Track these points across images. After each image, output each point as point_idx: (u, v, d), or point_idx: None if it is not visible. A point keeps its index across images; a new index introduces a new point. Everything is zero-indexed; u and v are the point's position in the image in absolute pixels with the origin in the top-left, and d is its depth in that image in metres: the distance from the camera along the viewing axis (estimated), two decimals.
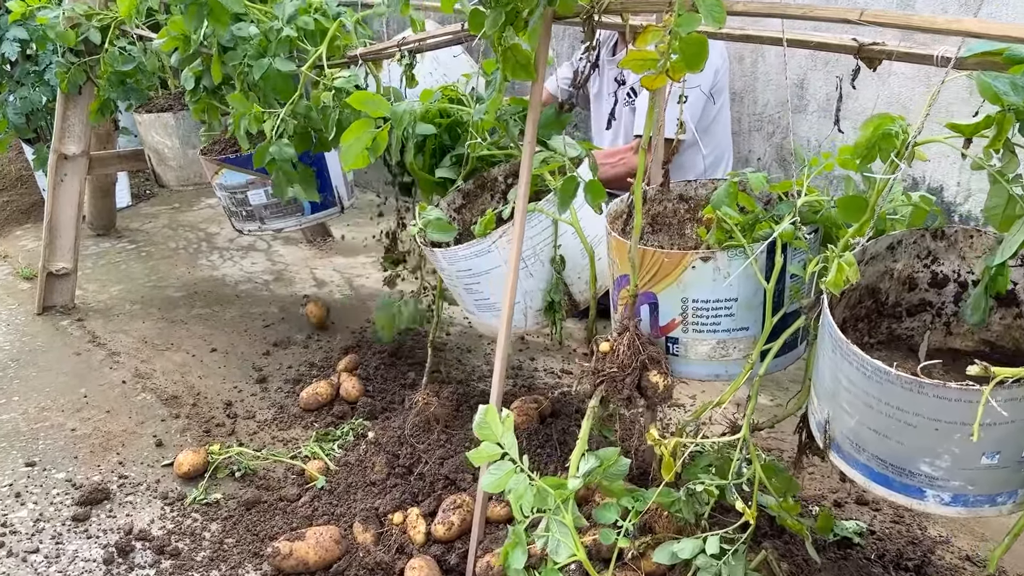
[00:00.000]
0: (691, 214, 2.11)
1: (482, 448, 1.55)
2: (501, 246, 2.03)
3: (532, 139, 1.82)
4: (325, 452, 2.54)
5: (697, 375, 1.80)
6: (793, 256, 1.70)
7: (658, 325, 1.77)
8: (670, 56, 1.43)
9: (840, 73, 2.92)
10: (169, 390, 3.00)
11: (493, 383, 1.95)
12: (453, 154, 2.26)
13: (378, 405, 2.74)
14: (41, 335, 3.46)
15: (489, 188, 2.31)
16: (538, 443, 2.32)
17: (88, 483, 2.47)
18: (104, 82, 3.30)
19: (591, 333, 2.09)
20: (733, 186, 1.73)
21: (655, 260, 1.71)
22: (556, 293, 2.07)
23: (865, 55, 1.57)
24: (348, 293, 3.82)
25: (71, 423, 2.81)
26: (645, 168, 2.82)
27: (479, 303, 2.16)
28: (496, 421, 1.56)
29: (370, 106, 2.01)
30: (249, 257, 4.30)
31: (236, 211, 3.09)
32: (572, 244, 2.10)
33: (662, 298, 1.74)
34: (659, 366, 1.74)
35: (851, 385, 1.44)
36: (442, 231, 2.13)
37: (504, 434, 1.57)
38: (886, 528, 2.23)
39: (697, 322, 1.73)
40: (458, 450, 2.33)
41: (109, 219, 4.65)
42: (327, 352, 3.22)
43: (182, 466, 2.47)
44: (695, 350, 1.77)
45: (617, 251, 1.80)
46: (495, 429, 1.55)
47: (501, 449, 1.55)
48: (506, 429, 1.58)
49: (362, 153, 1.99)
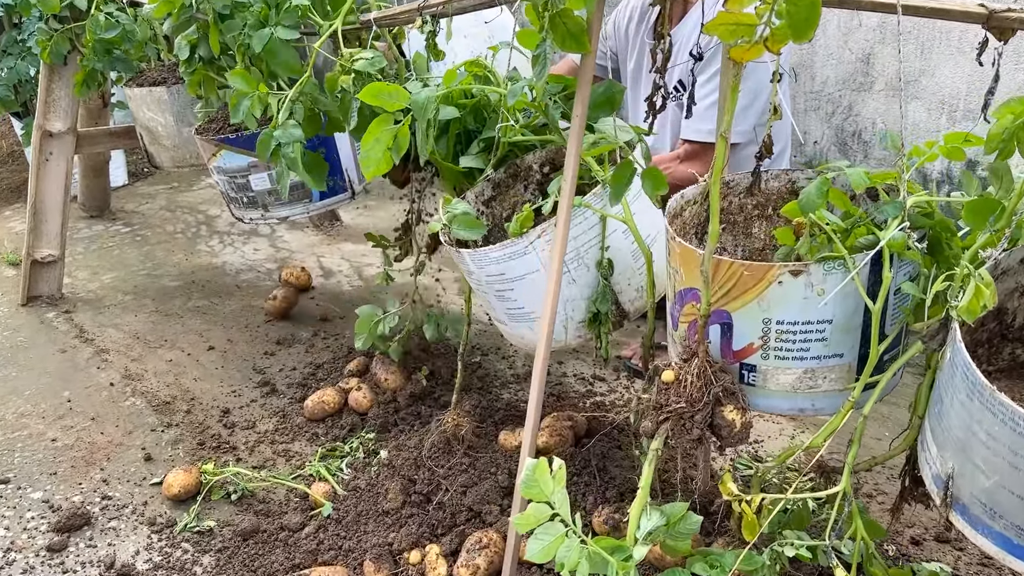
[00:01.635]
0: (760, 211, 1.80)
1: (529, 512, 1.26)
2: (539, 248, 1.73)
3: (582, 123, 1.52)
4: (332, 472, 2.26)
5: (778, 409, 1.51)
6: (898, 268, 1.40)
7: (731, 349, 1.48)
8: (772, 21, 1.12)
9: (914, 47, 2.60)
10: (161, 394, 2.73)
11: (529, 411, 1.66)
12: (481, 139, 1.95)
13: (391, 418, 2.45)
14: (24, 329, 3.18)
15: (523, 177, 2.01)
16: (574, 470, 2.04)
17: (67, 505, 2.20)
18: (89, 51, 2.99)
19: (648, 352, 1.79)
20: (825, 183, 1.42)
21: (732, 273, 1.41)
22: (603, 302, 1.78)
23: (995, 25, 1.27)
24: (357, 284, 3.53)
25: (52, 432, 2.54)
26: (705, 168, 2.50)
27: (512, 312, 1.87)
28: (546, 478, 1.27)
29: (387, 99, 1.70)
30: (251, 243, 4.01)
31: (236, 197, 2.79)
32: (622, 245, 1.80)
33: (738, 318, 1.45)
34: (735, 400, 1.44)
35: (991, 440, 1.15)
36: (469, 228, 1.83)
37: (555, 490, 1.28)
38: (972, 571, 1.94)
39: (781, 347, 1.44)
40: (483, 476, 2.05)
41: (102, 200, 4.36)
42: (334, 352, 2.93)
43: (172, 487, 2.19)
44: (776, 380, 1.47)
45: (682, 260, 1.50)
46: (545, 487, 1.26)
47: (552, 510, 1.26)
48: (557, 484, 1.29)
49: (384, 156, 1.69)
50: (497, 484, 2.01)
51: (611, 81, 1.69)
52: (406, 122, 1.76)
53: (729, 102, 1.32)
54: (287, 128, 2.05)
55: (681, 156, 2.46)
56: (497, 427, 2.30)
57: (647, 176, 1.58)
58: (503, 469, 2.05)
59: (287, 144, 2.10)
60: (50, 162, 3.30)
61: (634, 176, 1.59)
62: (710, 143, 2.42)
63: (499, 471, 2.05)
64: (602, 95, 1.68)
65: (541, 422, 2.18)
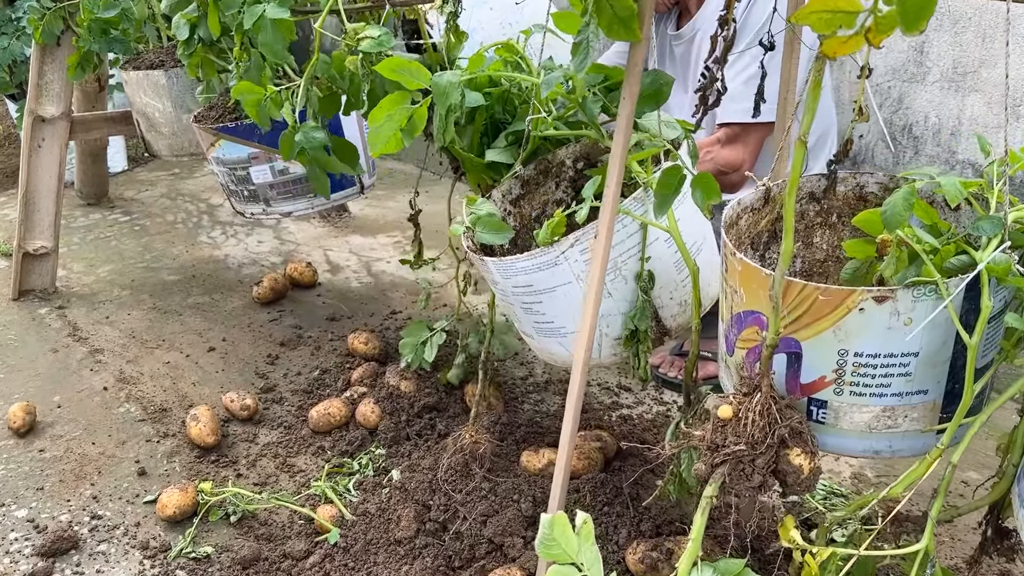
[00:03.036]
0: (822, 218, 1.61)
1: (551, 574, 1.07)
2: (572, 258, 1.54)
3: (629, 122, 1.33)
4: (339, 493, 2.09)
5: (850, 450, 1.32)
6: (995, 293, 1.21)
7: (799, 383, 1.29)
8: (879, 8, 0.93)
9: (974, 35, 2.39)
10: (157, 400, 2.55)
11: (561, 447, 1.48)
12: (509, 131, 1.76)
13: (403, 431, 2.27)
14: (14, 326, 3.01)
15: (554, 175, 1.81)
16: (605, 499, 1.86)
17: (54, 525, 2.03)
18: (84, 31, 2.80)
19: (690, 376, 1.60)
20: (911, 192, 1.23)
21: (804, 297, 1.22)
22: (642, 319, 1.59)
23: None
24: (366, 280, 3.35)
25: (40, 442, 2.37)
26: (747, 151, 2.31)
27: (540, 326, 1.68)
28: (568, 536, 1.08)
29: (405, 75, 1.51)
30: (255, 234, 3.82)
31: (236, 190, 2.61)
32: (664, 255, 1.61)
33: (809, 347, 1.26)
34: (803, 442, 1.26)
35: None
36: (495, 231, 1.64)
37: (583, 549, 1.10)
38: None
39: (858, 382, 1.25)
40: (504, 503, 1.87)
41: (100, 187, 4.17)
42: (341, 355, 2.75)
43: (166, 508, 2.02)
44: (850, 418, 1.28)
45: (743, 279, 1.32)
46: (568, 546, 1.08)
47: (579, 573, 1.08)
48: (584, 541, 1.10)
49: (394, 135, 1.50)
50: (520, 513, 1.84)
51: (658, 71, 1.49)
52: (425, 103, 1.57)
53: (811, 100, 1.13)
54: (307, 132, 1.87)
55: (722, 139, 2.29)
56: (519, 445, 2.13)
57: (698, 184, 1.39)
58: (526, 496, 1.87)
59: (312, 148, 1.93)
60: (43, 149, 3.12)
61: (684, 182, 1.40)
62: (750, 123, 2.25)
63: (522, 498, 1.87)
64: (648, 87, 1.49)
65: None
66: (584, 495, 1.86)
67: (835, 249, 1.69)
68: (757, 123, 2.24)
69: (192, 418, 2.30)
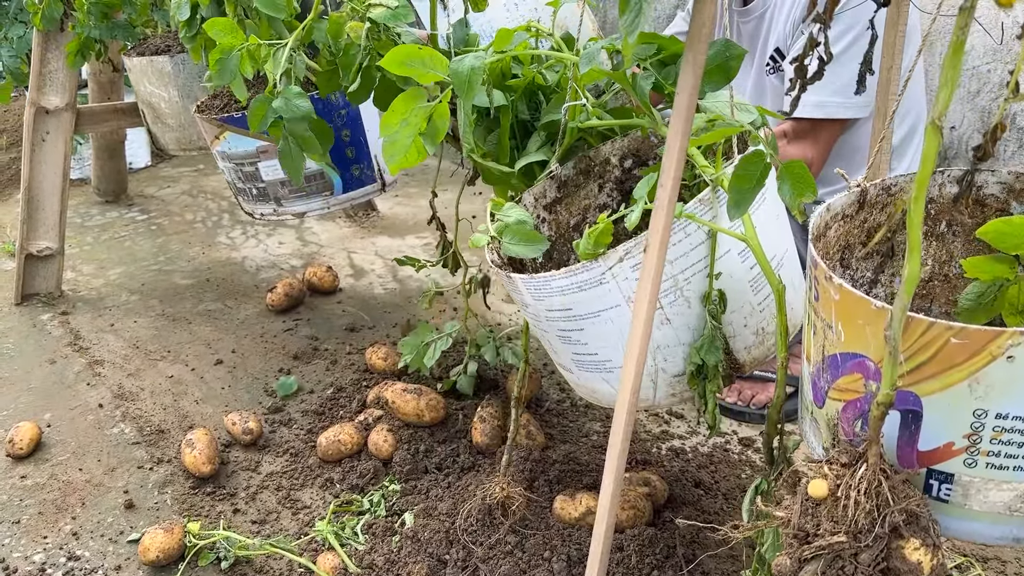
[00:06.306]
0: (930, 227, 1.30)
1: None
2: (621, 275, 1.24)
3: (692, 99, 1.02)
4: (345, 539, 1.82)
5: (982, 537, 1.01)
6: None
7: (916, 449, 0.98)
8: None
9: None
10: (155, 419, 2.31)
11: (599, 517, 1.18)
12: (542, 124, 1.47)
13: (420, 462, 2.00)
14: (13, 333, 2.80)
15: (597, 175, 1.52)
16: (654, 561, 1.55)
17: (24, 567, 1.80)
18: (83, 16, 2.57)
19: (773, 433, 1.28)
20: None
21: (930, 340, 0.91)
22: (710, 351, 1.28)
23: None
24: (392, 286, 3.08)
25: (23, 466, 2.14)
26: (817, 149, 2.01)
27: (580, 359, 1.39)
28: None
29: (417, 67, 1.23)
30: (276, 235, 3.58)
31: (245, 188, 2.36)
32: (737, 271, 1.30)
33: (932, 405, 0.95)
34: (922, 531, 0.94)
35: None
36: (526, 242, 1.35)
37: None
38: None
39: (1000, 451, 0.94)
40: (533, 562, 1.58)
41: (118, 183, 3.97)
42: (359, 370, 2.48)
43: (148, 551, 1.77)
44: (984, 497, 0.97)
45: (840, 311, 1.00)
46: None
47: None
48: None
49: (414, 143, 1.23)
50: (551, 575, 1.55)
51: (728, 41, 1.19)
52: (445, 97, 1.29)
53: (950, 69, 0.81)
54: (289, 98, 1.59)
55: (788, 133, 1.98)
56: (552, 487, 1.83)
57: (787, 174, 1.08)
58: (559, 554, 1.58)
59: (293, 119, 1.65)
60: (46, 143, 2.90)
61: (767, 175, 1.10)
62: (822, 119, 1.95)
63: (555, 556, 1.58)
64: (713, 58, 1.18)
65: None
66: (629, 555, 1.56)
67: (943, 265, 1.37)
68: (831, 120, 1.93)
69: (187, 443, 2.05)
